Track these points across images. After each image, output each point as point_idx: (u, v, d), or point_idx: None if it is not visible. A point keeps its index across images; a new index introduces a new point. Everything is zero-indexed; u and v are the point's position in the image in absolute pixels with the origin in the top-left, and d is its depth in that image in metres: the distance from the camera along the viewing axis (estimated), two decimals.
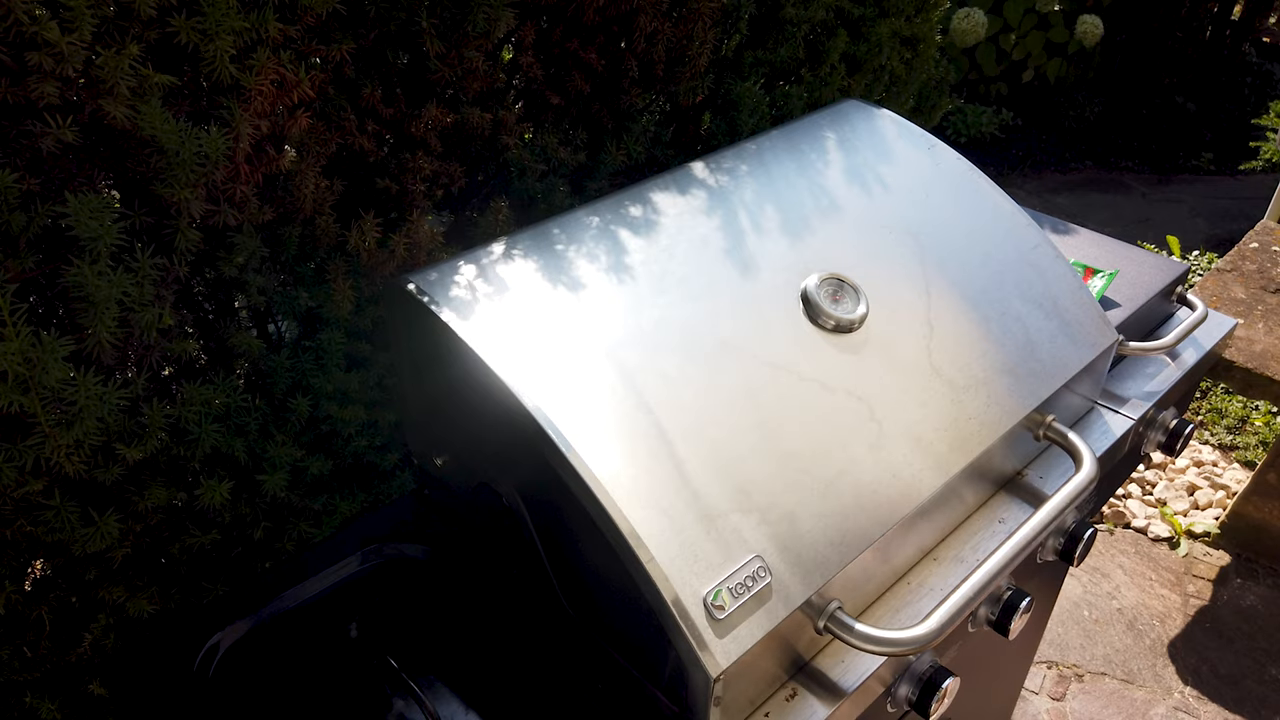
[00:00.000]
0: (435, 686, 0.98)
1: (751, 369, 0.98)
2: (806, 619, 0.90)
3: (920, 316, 1.10)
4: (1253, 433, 2.95)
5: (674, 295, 1.02)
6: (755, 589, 0.85)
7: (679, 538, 0.85)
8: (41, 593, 1.15)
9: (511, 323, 0.96)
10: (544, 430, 0.87)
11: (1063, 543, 1.15)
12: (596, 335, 0.96)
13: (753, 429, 0.94)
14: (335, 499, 1.28)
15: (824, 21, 1.68)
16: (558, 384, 0.91)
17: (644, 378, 0.94)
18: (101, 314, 0.90)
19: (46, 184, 0.87)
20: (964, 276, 1.16)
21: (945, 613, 0.89)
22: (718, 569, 0.85)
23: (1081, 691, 2.19)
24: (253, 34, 0.91)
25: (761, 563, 0.87)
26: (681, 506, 0.87)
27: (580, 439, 0.87)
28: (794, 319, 1.04)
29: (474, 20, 1.12)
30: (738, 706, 0.88)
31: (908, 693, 1.00)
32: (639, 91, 1.41)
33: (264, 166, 1.02)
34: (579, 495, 0.86)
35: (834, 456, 0.96)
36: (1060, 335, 1.17)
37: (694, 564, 0.84)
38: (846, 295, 1.07)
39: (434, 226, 1.19)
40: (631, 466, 0.87)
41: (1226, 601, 2.41)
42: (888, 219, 1.19)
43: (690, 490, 0.88)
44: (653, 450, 0.89)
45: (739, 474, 0.91)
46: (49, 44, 0.79)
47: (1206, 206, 4.36)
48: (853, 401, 1.00)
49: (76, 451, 0.93)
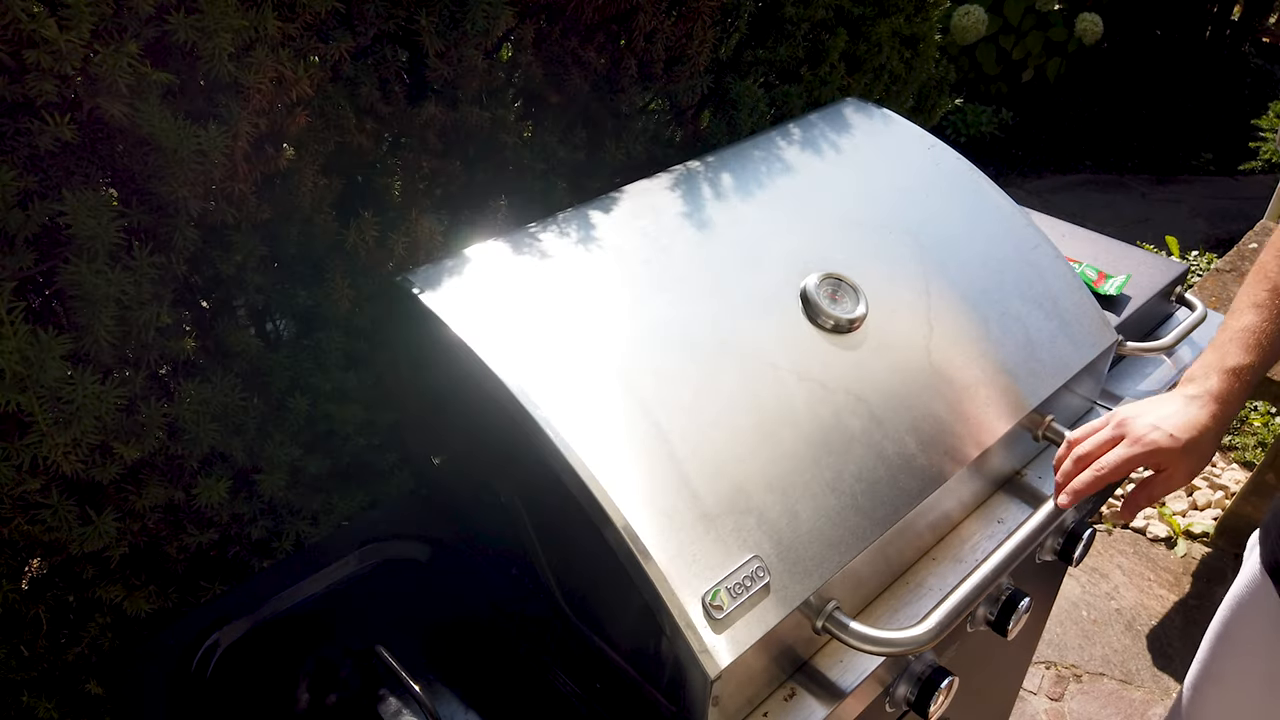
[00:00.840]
0: (435, 686, 0.98)
1: (751, 369, 0.98)
2: (805, 619, 0.90)
3: (920, 316, 1.10)
4: (1251, 433, 2.95)
5: (673, 294, 1.02)
6: (754, 589, 0.85)
7: (677, 537, 0.85)
8: (39, 592, 1.15)
9: (509, 321, 0.96)
10: (541, 429, 0.87)
11: (1061, 543, 1.15)
12: (595, 334, 0.96)
13: (752, 429, 0.94)
14: (333, 498, 1.27)
15: (824, 20, 1.68)
16: (555, 382, 0.91)
17: (643, 377, 0.94)
18: (99, 312, 0.90)
19: (44, 182, 0.87)
20: (963, 276, 1.16)
21: (944, 613, 0.89)
22: (716, 569, 0.85)
23: (1080, 692, 2.19)
24: (251, 32, 0.91)
25: (760, 563, 0.87)
26: (680, 506, 0.87)
27: (578, 438, 0.87)
28: (793, 318, 1.04)
29: (473, 19, 1.12)
30: (736, 706, 0.88)
31: (906, 692, 1.00)
32: (638, 90, 1.41)
33: (262, 165, 1.02)
34: (577, 495, 0.86)
35: (833, 457, 0.96)
36: (1060, 335, 1.17)
37: (692, 564, 0.84)
38: (846, 295, 1.07)
39: (433, 225, 1.18)
40: (629, 466, 0.87)
41: None
42: (887, 219, 1.19)
43: (689, 490, 0.88)
44: (651, 450, 0.89)
45: (737, 474, 0.91)
46: (47, 41, 0.78)
47: (1206, 206, 4.36)
48: (852, 401, 1.00)
49: (74, 450, 0.93)
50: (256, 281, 1.11)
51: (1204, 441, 0.99)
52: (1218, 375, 1.01)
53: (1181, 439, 0.99)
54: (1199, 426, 0.99)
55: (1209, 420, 1.00)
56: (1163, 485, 1.02)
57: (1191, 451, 0.99)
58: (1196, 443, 0.99)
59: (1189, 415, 1.00)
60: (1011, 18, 4.57)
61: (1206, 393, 1.01)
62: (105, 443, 0.97)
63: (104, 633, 1.20)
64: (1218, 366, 1.01)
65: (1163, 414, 1.01)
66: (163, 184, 0.92)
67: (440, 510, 1.19)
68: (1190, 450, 0.99)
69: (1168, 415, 1.01)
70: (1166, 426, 1.00)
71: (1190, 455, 0.99)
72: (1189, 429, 0.99)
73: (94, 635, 1.19)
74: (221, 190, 0.99)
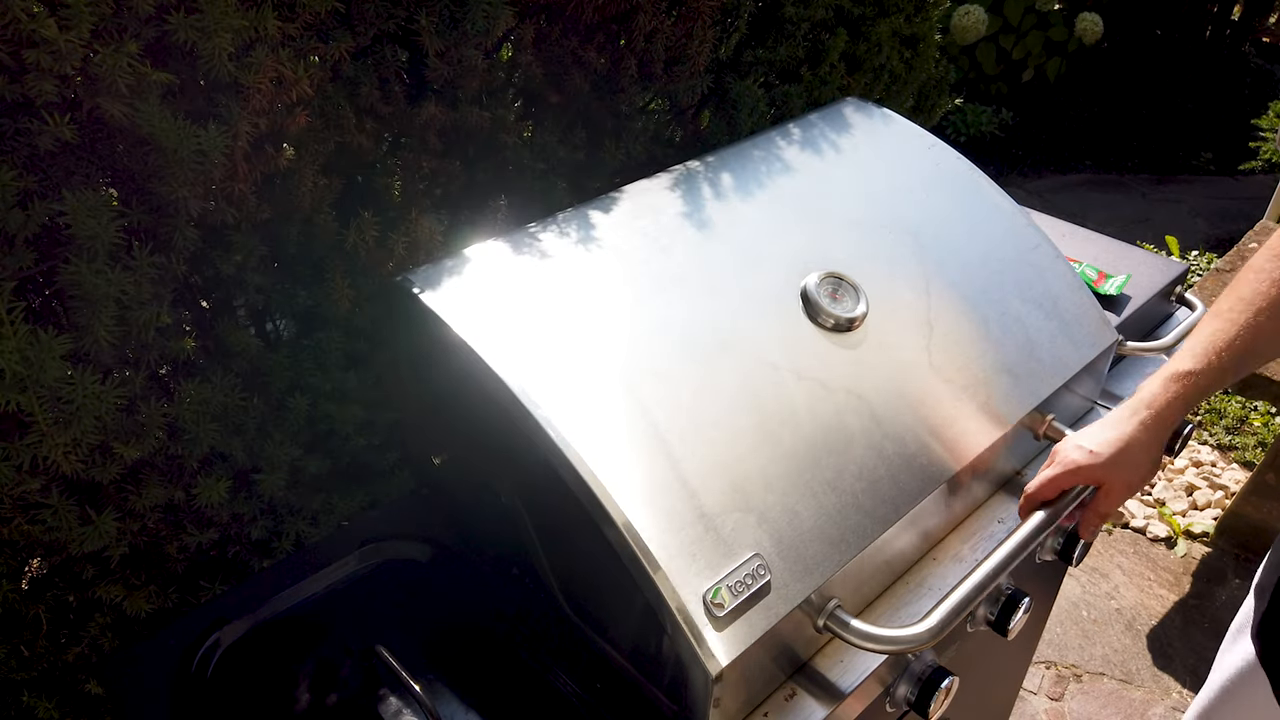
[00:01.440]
0: (435, 686, 0.98)
1: (750, 368, 0.98)
2: (806, 617, 0.90)
3: (920, 316, 1.10)
4: (1251, 433, 2.95)
5: (672, 294, 1.02)
6: (754, 587, 0.85)
7: (678, 536, 0.85)
8: (39, 591, 1.15)
9: (508, 319, 0.96)
10: (542, 428, 0.87)
11: (1061, 543, 1.15)
12: (595, 333, 0.96)
13: (752, 429, 0.94)
14: (333, 498, 1.27)
15: (824, 20, 1.68)
16: (556, 382, 0.91)
17: (642, 377, 0.94)
18: (99, 312, 0.90)
19: (44, 182, 0.87)
20: (963, 276, 1.16)
21: (944, 611, 0.89)
22: (717, 567, 0.85)
23: (1080, 692, 2.19)
24: (251, 32, 0.91)
25: (761, 561, 0.87)
26: (680, 505, 0.87)
27: (578, 437, 0.87)
28: (794, 317, 1.04)
29: (473, 19, 1.12)
30: (737, 705, 0.88)
31: (907, 692, 1.00)
32: (638, 90, 1.41)
33: (262, 165, 1.02)
34: (577, 493, 0.86)
35: (834, 456, 0.96)
36: (1060, 335, 1.17)
37: (693, 562, 0.84)
38: (846, 294, 1.07)
39: (433, 225, 1.18)
40: (629, 465, 0.87)
41: (1225, 602, 2.41)
42: (887, 218, 1.19)
43: (688, 489, 0.88)
44: (651, 449, 0.89)
45: (738, 473, 0.91)
46: (47, 41, 0.78)
47: (1206, 206, 4.37)
48: (853, 400, 1.00)
49: (74, 450, 0.93)
50: (256, 281, 1.11)
51: (1130, 452, 0.98)
52: (1159, 383, 1.00)
53: (1102, 454, 0.98)
54: (1123, 439, 0.98)
55: (1136, 430, 0.98)
56: (1104, 500, 1.01)
57: (1120, 464, 0.98)
58: (1122, 454, 0.98)
59: (1114, 430, 0.99)
60: (1011, 17, 4.57)
61: (1140, 401, 1.00)
62: (105, 443, 0.97)
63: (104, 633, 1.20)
64: (1163, 374, 1.00)
65: (1090, 431, 1.01)
66: (163, 184, 0.92)
67: (440, 511, 1.19)
68: (1118, 463, 0.98)
69: (1094, 432, 1.01)
70: (1087, 443, 0.99)
71: (1120, 468, 0.98)
72: (1111, 444, 0.98)
73: (94, 635, 1.19)
74: (221, 190, 0.99)
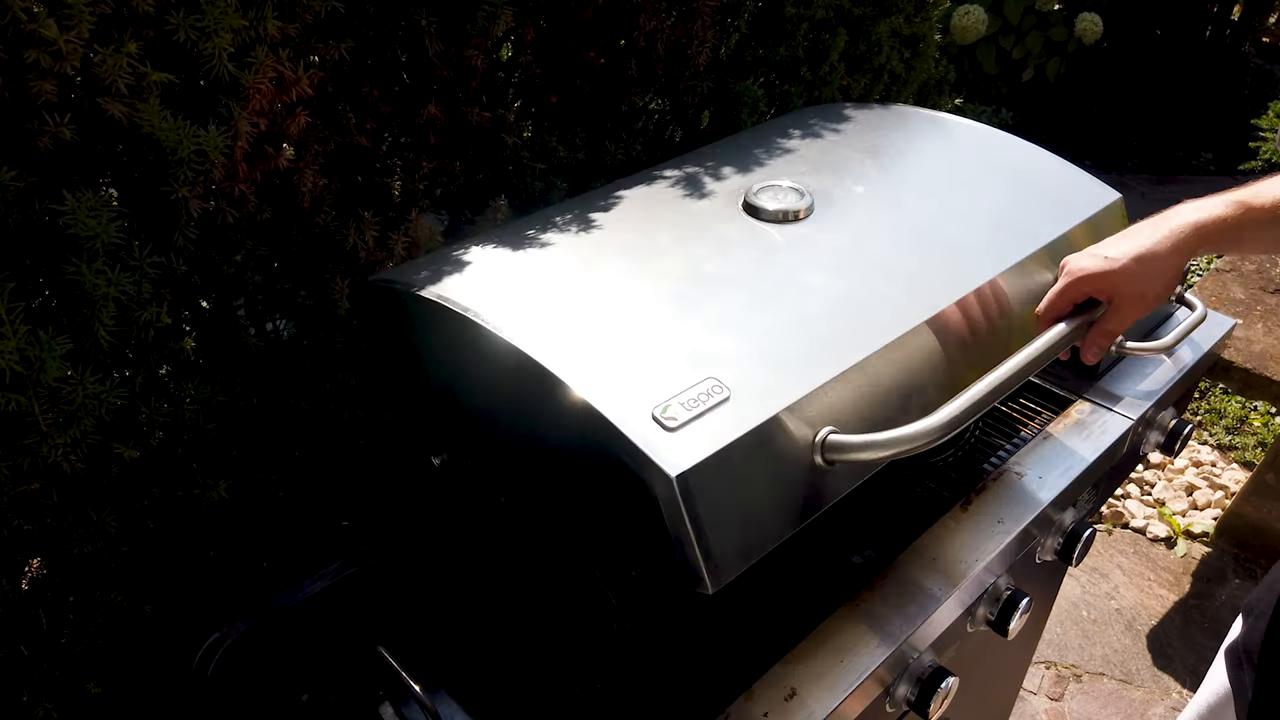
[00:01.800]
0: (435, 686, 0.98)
1: (700, 254, 0.99)
2: (796, 445, 0.83)
3: (886, 201, 1.09)
4: (1251, 433, 2.95)
5: (621, 232, 1.05)
6: (710, 402, 0.79)
7: (619, 373, 0.81)
8: (39, 592, 1.15)
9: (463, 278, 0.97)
10: (493, 333, 0.86)
11: (1061, 543, 1.15)
12: (546, 262, 1.00)
13: (701, 295, 0.93)
14: (333, 498, 1.27)
15: (824, 20, 1.68)
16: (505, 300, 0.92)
17: (582, 285, 0.96)
18: (99, 312, 0.90)
19: (44, 182, 0.87)
20: (933, 176, 1.18)
21: (955, 408, 0.83)
22: (665, 390, 0.80)
23: (1080, 692, 2.19)
24: (251, 32, 0.91)
25: (716, 381, 0.81)
26: (623, 356, 0.84)
27: (525, 334, 0.86)
28: (740, 221, 1.06)
29: (473, 19, 1.12)
30: (733, 546, 0.79)
31: (906, 692, 1.00)
32: (639, 90, 1.41)
33: (262, 165, 1.02)
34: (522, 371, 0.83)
35: (791, 309, 0.93)
36: (1057, 196, 1.19)
37: (637, 388, 0.80)
38: (790, 194, 1.06)
39: (433, 225, 1.19)
40: (567, 339, 0.86)
41: (1224, 602, 2.41)
42: (843, 155, 1.20)
43: (632, 343, 0.86)
44: (590, 327, 0.88)
45: (686, 328, 0.88)
46: (47, 41, 0.78)
47: None
48: (816, 256, 0.99)
49: (74, 450, 0.93)
50: (256, 281, 1.11)
51: (1147, 262, 0.88)
52: (1202, 201, 0.91)
53: (1116, 260, 0.88)
54: (1141, 247, 0.89)
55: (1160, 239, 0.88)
56: (1113, 316, 0.92)
57: (1134, 275, 0.88)
58: (1138, 262, 0.88)
59: (1132, 238, 0.90)
60: (1011, 18, 4.57)
61: (1171, 213, 0.91)
62: (105, 442, 0.97)
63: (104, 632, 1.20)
64: (1209, 198, 0.91)
65: (1107, 240, 0.92)
66: (163, 184, 0.92)
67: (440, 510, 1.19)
68: (1131, 274, 0.88)
69: (1111, 241, 0.92)
70: (1101, 250, 0.90)
71: (1133, 279, 0.89)
72: (1128, 251, 0.89)
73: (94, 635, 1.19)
74: (221, 190, 0.99)
